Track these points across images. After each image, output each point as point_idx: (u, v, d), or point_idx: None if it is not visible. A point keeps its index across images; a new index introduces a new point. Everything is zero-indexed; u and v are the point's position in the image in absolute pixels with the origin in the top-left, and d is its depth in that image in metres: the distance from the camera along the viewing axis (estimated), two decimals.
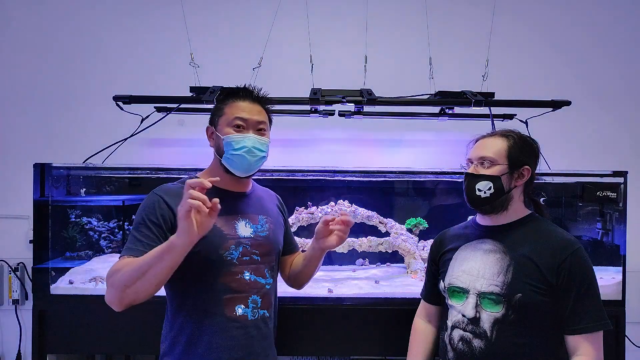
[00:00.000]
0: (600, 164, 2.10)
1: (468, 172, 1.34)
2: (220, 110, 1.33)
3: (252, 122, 1.30)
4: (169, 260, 1.08)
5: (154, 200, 1.25)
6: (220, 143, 1.30)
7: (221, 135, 1.29)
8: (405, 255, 2.15)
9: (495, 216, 1.33)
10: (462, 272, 1.32)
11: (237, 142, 1.28)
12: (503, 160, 1.30)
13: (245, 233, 1.30)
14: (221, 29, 2.43)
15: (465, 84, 2.07)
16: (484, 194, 1.30)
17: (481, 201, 1.31)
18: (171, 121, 2.21)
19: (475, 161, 1.33)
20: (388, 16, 2.44)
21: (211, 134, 1.35)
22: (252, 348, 1.27)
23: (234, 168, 1.30)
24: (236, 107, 1.31)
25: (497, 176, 1.29)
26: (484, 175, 1.30)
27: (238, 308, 1.25)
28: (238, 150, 1.27)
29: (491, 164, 1.30)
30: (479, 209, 1.34)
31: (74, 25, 2.40)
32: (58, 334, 1.81)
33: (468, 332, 1.27)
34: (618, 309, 1.82)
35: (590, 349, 1.19)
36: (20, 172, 2.27)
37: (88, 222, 2.09)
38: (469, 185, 1.32)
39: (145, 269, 1.09)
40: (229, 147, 1.28)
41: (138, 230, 1.21)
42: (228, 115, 1.30)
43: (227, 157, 1.29)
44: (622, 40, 2.46)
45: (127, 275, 1.10)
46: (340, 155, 2.45)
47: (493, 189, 1.29)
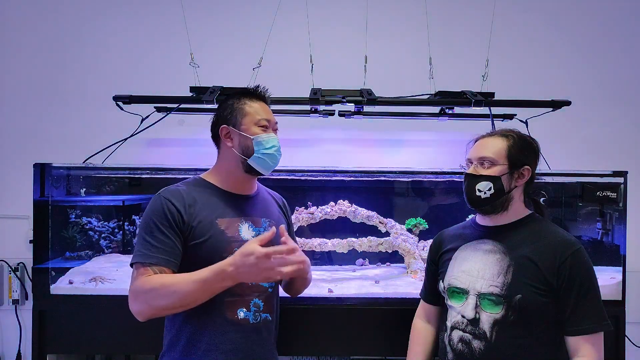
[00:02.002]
0: (600, 164, 2.10)
1: (468, 173, 1.33)
2: (239, 109, 1.33)
3: (272, 123, 1.36)
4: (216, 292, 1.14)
5: (161, 203, 1.24)
6: (249, 143, 1.30)
7: (250, 135, 1.30)
8: (405, 255, 2.14)
9: (495, 216, 1.33)
10: (461, 272, 1.32)
11: (267, 142, 1.31)
12: (503, 161, 1.29)
13: (248, 236, 1.30)
14: (221, 29, 2.43)
15: (465, 84, 2.06)
16: (484, 195, 1.29)
17: (481, 202, 1.30)
18: (171, 121, 2.21)
19: (475, 161, 1.32)
20: (388, 16, 2.44)
21: (228, 134, 1.34)
22: (252, 352, 1.27)
23: (263, 167, 1.33)
24: (257, 108, 1.34)
25: (497, 176, 1.28)
26: (484, 175, 1.29)
27: (240, 311, 1.25)
28: (269, 149, 1.31)
29: (491, 164, 1.29)
30: (480, 210, 1.34)
31: (74, 25, 2.40)
32: (58, 334, 1.81)
33: (467, 333, 1.26)
34: (618, 309, 1.82)
35: (590, 350, 1.19)
36: (20, 172, 2.27)
37: (88, 222, 2.09)
38: (469, 186, 1.32)
39: (191, 299, 1.13)
40: (259, 147, 1.30)
41: (151, 235, 1.20)
42: (253, 115, 1.32)
43: (258, 157, 1.31)
44: (622, 40, 2.46)
45: (167, 299, 1.13)
46: (340, 155, 2.44)
47: (493, 190, 1.28)
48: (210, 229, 1.25)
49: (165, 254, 1.19)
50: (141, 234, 1.22)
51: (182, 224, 1.23)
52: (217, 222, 1.27)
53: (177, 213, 1.23)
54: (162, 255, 1.18)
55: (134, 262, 1.20)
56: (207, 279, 1.11)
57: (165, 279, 1.15)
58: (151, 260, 1.18)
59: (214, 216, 1.27)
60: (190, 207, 1.25)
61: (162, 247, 1.19)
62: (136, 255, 1.20)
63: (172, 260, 1.20)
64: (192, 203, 1.26)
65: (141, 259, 1.19)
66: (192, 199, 1.27)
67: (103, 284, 1.85)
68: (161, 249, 1.19)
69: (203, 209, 1.26)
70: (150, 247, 1.19)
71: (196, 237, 1.23)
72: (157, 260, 1.18)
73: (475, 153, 1.33)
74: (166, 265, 1.19)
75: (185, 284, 1.12)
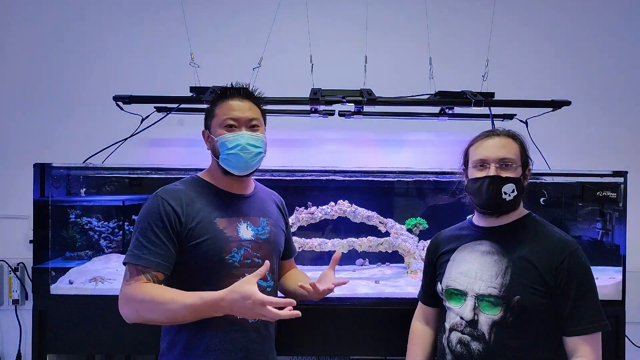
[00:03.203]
0: (600, 164, 2.09)
1: (492, 175, 1.26)
2: (211, 112, 1.34)
3: (244, 120, 1.30)
4: (204, 315, 1.14)
5: (157, 203, 1.24)
6: (215, 145, 1.30)
7: (215, 137, 1.30)
8: (405, 255, 2.14)
9: (495, 217, 1.33)
10: (459, 274, 1.32)
11: (230, 142, 1.28)
12: (519, 162, 1.29)
13: (246, 235, 1.30)
14: (221, 29, 2.43)
15: (465, 84, 2.06)
16: (509, 197, 1.26)
17: (507, 204, 1.27)
18: (171, 121, 2.21)
19: (494, 163, 1.27)
20: (388, 16, 2.44)
21: (207, 138, 1.36)
22: (251, 351, 1.27)
23: (231, 167, 1.30)
24: (226, 107, 1.31)
25: (519, 178, 1.28)
26: (510, 177, 1.26)
27: None
28: (232, 149, 1.28)
29: (513, 165, 1.27)
30: (500, 213, 1.29)
31: (74, 25, 2.40)
32: (58, 334, 1.81)
33: (466, 334, 1.26)
34: (618, 309, 1.82)
35: (589, 350, 1.19)
36: (20, 172, 2.27)
37: (88, 222, 2.09)
38: (494, 189, 1.25)
39: (180, 320, 1.16)
40: (223, 148, 1.29)
41: (144, 236, 1.20)
42: (219, 117, 1.31)
43: (223, 158, 1.29)
44: (622, 40, 2.46)
45: (156, 314, 1.14)
46: (340, 155, 2.44)
47: (516, 191, 1.27)
48: (209, 229, 1.25)
49: (158, 257, 1.19)
50: (135, 234, 1.22)
51: (178, 226, 1.22)
52: (216, 222, 1.26)
53: (174, 214, 1.22)
54: (154, 257, 1.18)
55: (126, 261, 1.20)
56: (199, 308, 1.11)
57: (157, 294, 1.14)
58: (143, 262, 1.18)
59: (213, 216, 1.27)
60: (188, 206, 1.25)
61: (155, 249, 1.19)
62: (128, 255, 1.20)
63: (163, 264, 1.20)
64: (190, 203, 1.26)
65: (133, 260, 1.19)
66: (190, 199, 1.26)
67: (103, 284, 1.86)
68: (154, 251, 1.19)
69: (202, 209, 1.26)
70: (143, 248, 1.19)
71: (195, 238, 1.23)
72: (148, 263, 1.18)
73: (493, 154, 1.28)
74: (156, 268, 1.19)
75: (176, 306, 1.12)
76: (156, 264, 1.19)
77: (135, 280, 1.17)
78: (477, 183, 1.29)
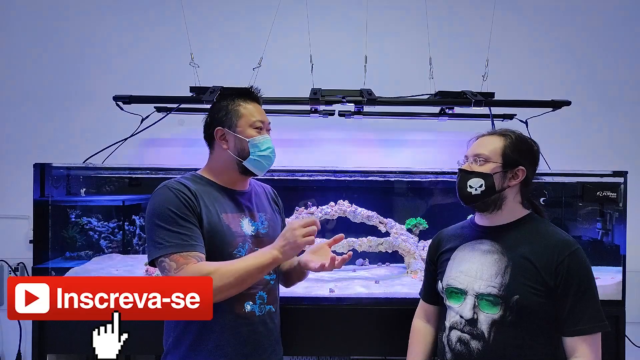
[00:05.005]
0: (600, 164, 2.09)
1: (461, 168, 1.34)
2: (234, 111, 1.32)
3: (266, 124, 1.36)
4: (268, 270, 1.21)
5: (174, 193, 1.21)
6: (245, 145, 1.30)
7: (245, 138, 1.30)
8: (405, 255, 2.15)
9: (491, 216, 1.32)
10: (459, 272, 1.32)
11: (262, 144, 1.31)
12: (497, 159, 1.29)
13: (248, 231, 1.31)
14: (221, 29, 2.43)
15: (465, 84, 2.06)
16: (474, 191, 1.29)
17: (472, 198, 1.30)
18: (171, 121, 2.21)
19: (470, 158, 1.33)
20: (388, 16, 2.44)
21: (223, 136, 1.32)
22: (260, 344, 1.28)
23: (258, 168, 1.33)
24: (251, 109, 1.33)
25: (489, 174, 1.28)
26: (475, 172, 1.30)
27: (247, 305, 1.26)
28: (265, 151, 1.32)
29: (484, 161, 1.29)
30: (470, 206, 1.34)
31: (73, 25, 2.41)
32: (58, 334, 1.81)
33: (466, 333, 1.26)
34: (618, 309, 1.82)
35: (588, 350, 1.18)
36: (20, 172, 2.26)
37: (88, 222, 2.09)
38: (461, 181, 1.33)
39: (245, 277, 1.17)
40: (255, 149, 1.30)
41: (177, 224, 1.17)
42: (248, 117, 1.32)
43: (253, 159, 1.31)
44: (622, 40, 2.46)
45: (223, 281, 1.13)
46: (340, 155, 2.44)
47: (484, 187, 1.28)
48: (218, 224, 1.25)
49: (199, 241, 1.19)
50: (160, 226, 1.17)
51: (198, 210, 1.22)
52: (223, 218, 1.27)
53: (192, 200, 1.22)
54: (196, 242, 1.18)
55: (166, 253, 1.15)
56: (270, 265, 1.19)
57: (215, 265, 1.16)
58: (189, 249, 1.16)
59: (219, 212, 1.28)
60: (198, 199, 1.24)
61: (192, 234, 1.18)
62: (169, 247, 1.15)
63: (202, 245, 1.20)
64: (200, 197, 1.25)
65: (177, 249, 1.15)
66: (198, 193, 1.26)
67: None
68: (192, 236, 1.18)
69: (209, 204, 1.26)
70: (179, 235, 1.16)
71: (206, 233, 1.23)
72: (193, 248, 1.17)
73: (471, 150, 1.35)
74: (201, 251, 1.19)
75: (237, 266, 1.17)
76: (201, 248, 1.19)
77: (185, 263, 1.14)
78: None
